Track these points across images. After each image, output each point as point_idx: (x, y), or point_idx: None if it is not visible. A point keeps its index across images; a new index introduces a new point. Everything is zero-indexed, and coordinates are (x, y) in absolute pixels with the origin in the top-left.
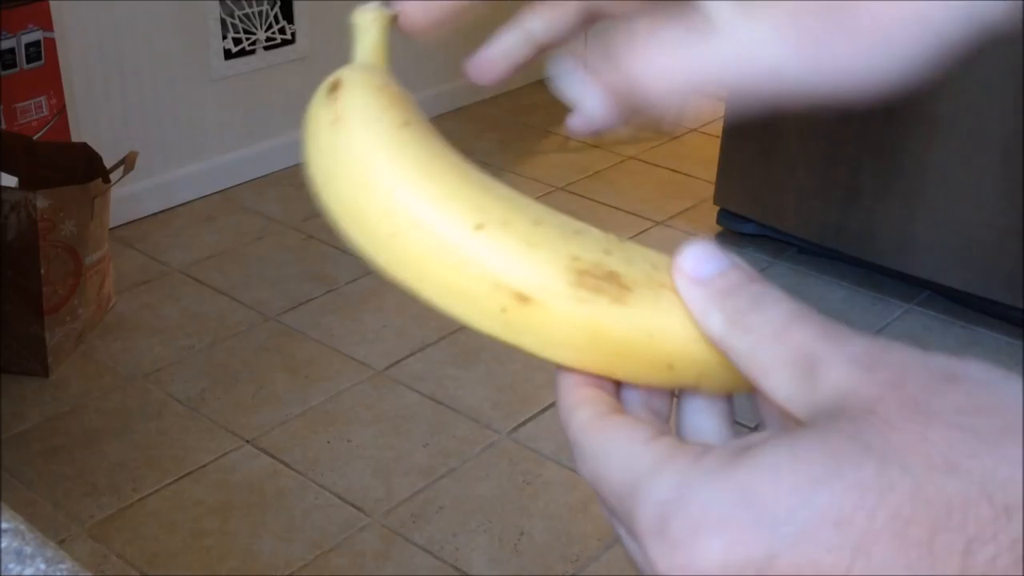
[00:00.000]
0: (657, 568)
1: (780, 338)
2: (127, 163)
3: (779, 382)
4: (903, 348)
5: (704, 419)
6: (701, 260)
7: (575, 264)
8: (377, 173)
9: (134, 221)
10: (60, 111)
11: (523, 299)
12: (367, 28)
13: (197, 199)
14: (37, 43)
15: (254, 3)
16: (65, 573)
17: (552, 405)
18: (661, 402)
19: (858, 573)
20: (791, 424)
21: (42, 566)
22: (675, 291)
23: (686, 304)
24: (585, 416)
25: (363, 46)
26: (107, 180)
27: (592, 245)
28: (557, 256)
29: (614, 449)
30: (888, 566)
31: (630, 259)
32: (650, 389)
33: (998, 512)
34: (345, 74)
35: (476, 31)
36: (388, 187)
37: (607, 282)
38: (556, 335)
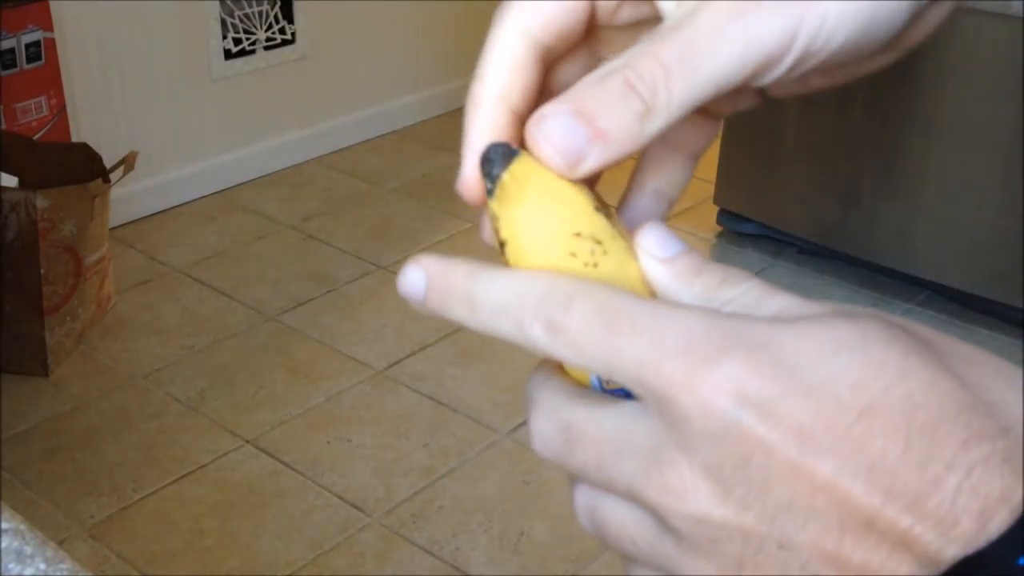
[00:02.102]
0: (673, 387)
1: (758, 308)
2: (127, 163)
3: None
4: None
5: None
6: (663, 241)
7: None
8: None
9: (134, 221)
10: (60, 111)
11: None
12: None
13: (197, 199)
14: (37, 43)
15: (254, 3)
16: (65, 573)
17: None
18: None
19: (859, 433)
20: None
21: (42, 566)
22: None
23: (652, 283)
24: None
25: None
26: (107, 180)
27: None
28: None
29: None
30: (889, 434)
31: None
32: None
33: (1000, 427)
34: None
35: (476, 30)
36: None
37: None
38: None
